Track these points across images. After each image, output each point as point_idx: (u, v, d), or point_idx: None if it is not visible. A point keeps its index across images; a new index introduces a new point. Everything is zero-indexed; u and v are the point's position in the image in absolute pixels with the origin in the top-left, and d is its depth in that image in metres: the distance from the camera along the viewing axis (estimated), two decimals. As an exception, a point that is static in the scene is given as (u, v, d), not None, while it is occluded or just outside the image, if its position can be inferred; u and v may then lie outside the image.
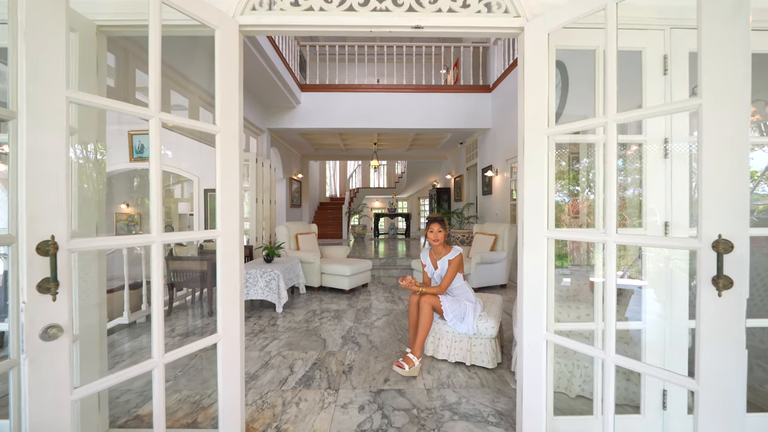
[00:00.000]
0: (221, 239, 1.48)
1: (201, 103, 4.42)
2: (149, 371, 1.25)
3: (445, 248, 2.56)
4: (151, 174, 1.24)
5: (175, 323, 3.48)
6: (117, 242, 1.21)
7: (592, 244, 2.74)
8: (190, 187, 7.76)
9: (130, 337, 3.15)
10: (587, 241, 1.53)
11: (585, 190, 3.16)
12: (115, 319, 3.32)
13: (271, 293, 3.70)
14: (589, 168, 2.98)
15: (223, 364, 1.50)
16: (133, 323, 3.43)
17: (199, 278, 3.67)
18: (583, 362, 2.06)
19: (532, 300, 1.55)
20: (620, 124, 1.30)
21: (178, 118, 1.31)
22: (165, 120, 1.27)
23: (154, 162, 1.24)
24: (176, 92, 4.14)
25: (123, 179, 7.64)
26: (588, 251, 2.85)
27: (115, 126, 6.64)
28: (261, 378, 2.28)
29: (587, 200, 3.03)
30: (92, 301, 1.60)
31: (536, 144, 1.52)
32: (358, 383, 2.20)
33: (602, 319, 1.59)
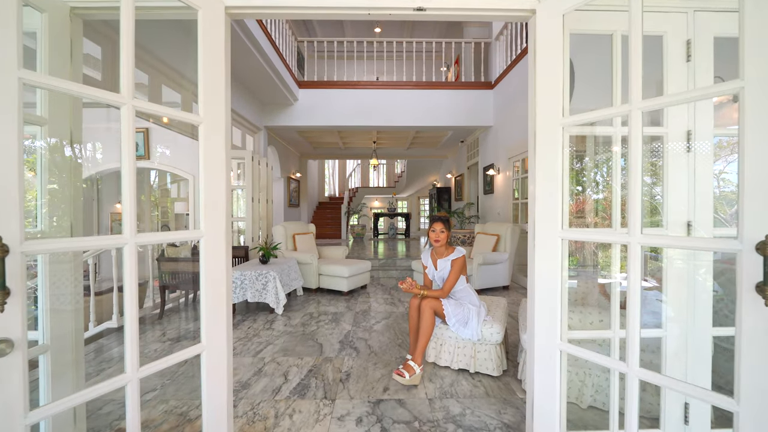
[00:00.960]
0: (205, 240, 1.35)
1: (195, 99, 4.27)
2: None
3: (448, 249, 2.43)
4: (123, 169, 1.12)
5: (167, 327, 3.35)
6: (82, 244, 1.09)
7: (597, 244, 2.62)
8: (187, 187, 7.62)
9: (119, 341, 3.02)
10: (606, 242, 1.40)
11: (587, 188, 3.04)
12: (105, 322, 3.19)
13: (267, 295, 3.57)
14: (596, 165, 2.86)
15: (207, 377, 1.37)
16: (123, 327, 3.29)
17: (192, 280, 3.54)
18: (595, 371, 1.93)
19: (545, 306, 1.42)
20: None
21: (154, 106, 1.18)
22: (139, 108, 1.14)
23: (126, 155, 1.11)
24: (171, 89, 4.01)
25: (118, 178, 7.50)
26: (595, 251, 2.73)
27: (110, 124, 6.51)
28: (253, 387, 2.15)
29: (592, 199, 2.90)
30: (66, 308, 1.47)
31: (549, 136, 1.40)
32: (356, 392, 2.08)
33: (619, 327, 1.47)
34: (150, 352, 2.76)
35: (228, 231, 1.46)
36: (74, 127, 1.54)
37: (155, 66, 3.73)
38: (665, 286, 1.53)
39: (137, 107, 1.13)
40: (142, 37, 1.19)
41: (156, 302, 3.69)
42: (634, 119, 1.15)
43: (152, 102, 1.19)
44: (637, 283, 1.15)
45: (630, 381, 1.17)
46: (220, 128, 1.39)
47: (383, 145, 9.62)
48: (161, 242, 1.26)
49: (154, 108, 1.18)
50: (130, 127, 1.12)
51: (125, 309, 1.13)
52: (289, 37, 5.92)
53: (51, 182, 1.45)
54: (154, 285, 3.77)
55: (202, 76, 1.33)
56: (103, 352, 2.79)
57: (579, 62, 2.45)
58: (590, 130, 1.80)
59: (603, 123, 1.56)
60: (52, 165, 1.46)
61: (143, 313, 3.55)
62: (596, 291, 2.31)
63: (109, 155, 6.66)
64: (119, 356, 2.76)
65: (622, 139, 1.51)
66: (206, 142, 1.36)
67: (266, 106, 6.22)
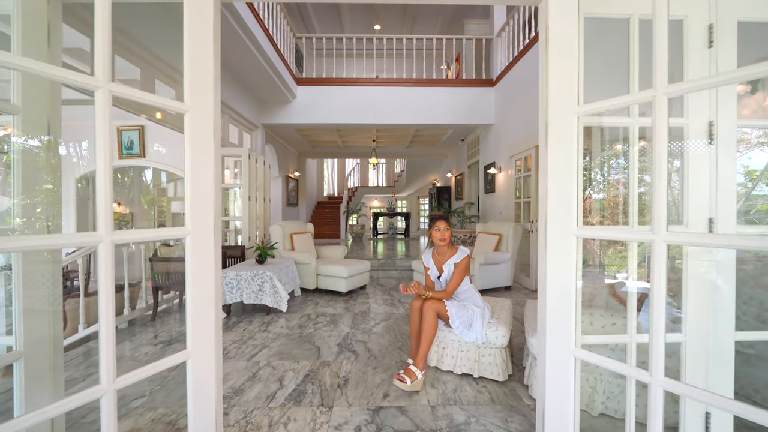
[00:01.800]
0: (191, 238, 1.25)
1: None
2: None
3: (451, 249, 2.33)
4: (98, 160, 1.01)
5: (160, 329, 3.24)
6: (50, 242, 0.98)
7: (602, 242, 2.52)
8: (183, 185, 7.51)
9: (109, 344, 2.91)
10: (626, 241, 1.30)
11: (598, 185, 2.94)
12: (94, 325, 3.08)
13: (264, 297, 3.47)
14: (604, 161, 2.76)
15: (194, 386, 1.27)
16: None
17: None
18: (607, 376, 1.83)
19: (557, 310, 1.32)
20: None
21: (133, 91, 1.08)
22: (116, 92, 1.03)
23: (101, 145, 1.01)
24: (165, 84, 3.91)
25: (114, 176, 7.37)
26: (602, 249, 2.63)
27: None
28: (247, 393, 2.05)
29: (602, 197, 2.80)
30: (42, 311, 1.37)
31: (563, 126, 1.30)
32: (355, 399, 1.97)
33: (636, 332, 1.37)
34: (140, 355, 2.66)
35: (217, 229, 1.36)
36: (52, 119, 1.43)
37: (149, 60, 3.63)
38: (684, 288, 1.43)
39: (114, 92, 1.03)
40: (135, 29, 1.09)
41: (149, 303, 3.59)
42: (659, 106, 1.05)
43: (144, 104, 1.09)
44: (661, 284, 1.05)
45: (654, 391, 1.07)
46: (208, 118, 1.29)
47: (383, 144, 9.52)
48: (141, 240, 1.16)
49: (132, 93, 1.08)
50: (105, 114, 1.01)
51: (100, 315, 1.03)
52: (287, 33, 5.81)
53: (27, 177, 1.34)
54: (147, 285, 3.66)
55: (188, 60, 1.23)
56: (92, 356, 2.68)
57: (587, 52, 2.36)
58: (605, 121, 1.70)
59: (619, 113, 1.46)
60: (28, 158, 1.35)
61: (136, 315, 3.44)
62: (604, 292, 2.21)
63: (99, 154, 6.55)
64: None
65: (640, 132, 1.41)
66: (193, 132, 1.25)
67: (264, 104, 6.12)
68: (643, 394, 1.72)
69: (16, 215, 1.30)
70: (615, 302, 2.10)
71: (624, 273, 2.35)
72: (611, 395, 1.82)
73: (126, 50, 3.40)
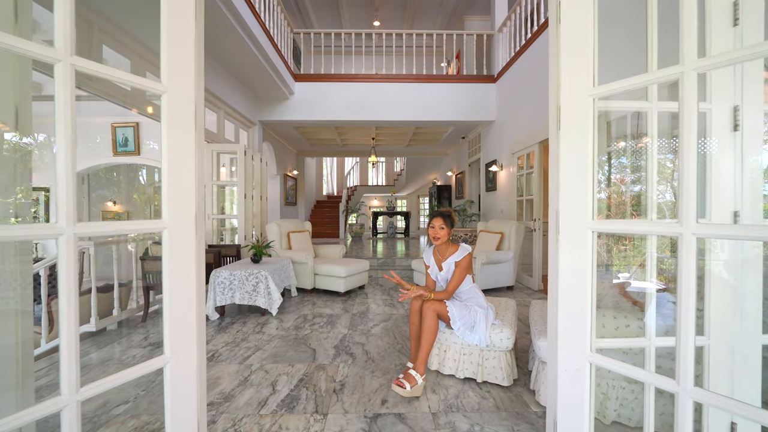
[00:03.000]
0: (169, 232, 1.13)
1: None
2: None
3: (451, 247, 2.22)
4: (58, 143, 0.90)
5: (150, 330, 3.13)
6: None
7: (609, 238, 2.40)
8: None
9: (97, 347, 2.80)
10: (648, 234, 1.18)
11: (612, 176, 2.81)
12: (81, 326, 2.96)
13: (258, 298, 3.35)
14: (609, 154, 2.63)
15: (172, 395, 1.15)
16: (102, 331, 3.08)
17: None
18: (620, 382, 1.72)
19: (571, 311, 1.21)
20: (669, 92, 0.97)
21: (100, 67, 0.97)
22: (80, 66, 0.92)
23: (62, 124, 0.90)
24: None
25: (107, 175, 7.26)
26: (608, 246, 2.51)
27: (99, 118, 6.28)
28: (237, 399, 1.93)
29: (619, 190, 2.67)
30: (7, 312, 1.26)
31: (577, 110, 1.19)
32: (351, 406, 1.86)
33: (654, 335, 1.26)
34: (128, 358, 2.54)
35: (199, 223, 1.24)
36: (21, 106, 1.32)
37: (140, 53, 3.51)
38: (707, 288, 1.32)
39: (77, 66, 0.92)
40: (128, 20, 0.97)
41: (140, 304, 3.47)
42: (688, 83, 0.94)
43: (135, 97, 0.98)
44: (690, 283, 0.94)
45: (682, 402, 0.96)
46: (188, 100, 1.18)
47: (382, 142, 9.41)
48: (108, 233, 1.04)
49: (99, 69, 0.96)
50: (67, 91, 0.90)
51: (61, 318, 0.92)
52: (284, 27, 5.70)
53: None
54: (138, 285, 3.55)
55: (165, 34, 1.11)
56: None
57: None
58: (621, 107, 1.58)
59: (637, 97, 1.35)
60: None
61: (126, 315, 3.33)
62: (613, 292, 2.10)
63: (99, 151, 6.44)
64: (96, 362, 2.55)
65: (659, 117, 1.30)
66: (171, 115, 1.14)
67: (261, 100, 6.00)
68: (659, 401, 1.60)
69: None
70: (626, 302, 1.99)
71: (626, 273, 2.24)
72: (624, 402, 1.71)
73: (117, 41, 3.28)
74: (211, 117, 4.81)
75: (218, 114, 4.86)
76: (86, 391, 0.95)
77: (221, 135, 4.91)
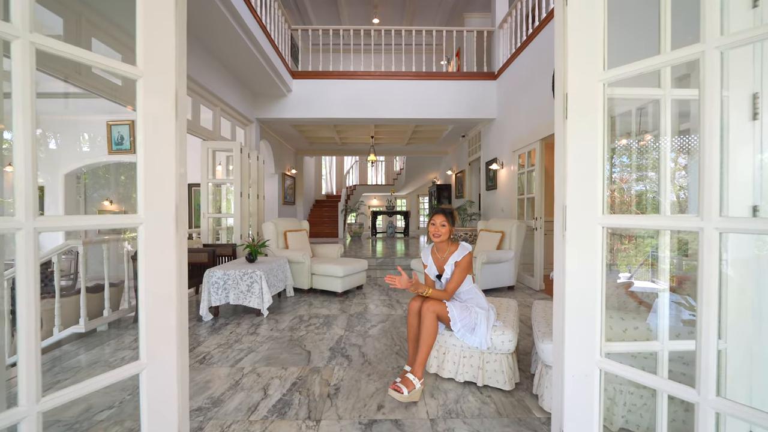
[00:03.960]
0: (144, 229, 1.05)
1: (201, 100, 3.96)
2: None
3: (451, 246, 2.14)
4: (15, 130, 0.81)
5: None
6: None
7: (612, 235, 2.32)
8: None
9: (86, 348, 2.71)
10: (660, 229, 1.10)
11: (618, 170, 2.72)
12: (69, 327, 2.88)
13: (252, 298, 3.27)
14: (630, 151, 2.54)
15: (149, 404, 1.07)
16: (92, 332, 2.99)
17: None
18: (627, 387, 1.63)
19: (578, 313, 1.13)
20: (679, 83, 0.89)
21: (65, 46, 0.88)
22: (40, 44, 0.84)
23: (20, 110, 0.81)
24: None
25: (104, 173, 7.17)
26: (609, 245, 2.42)
27: (93, 116, 6.20)
28: (226, 404, 1.85)
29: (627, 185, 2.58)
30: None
31: (586, 97, 1.10)
32: (345, 411, 1.78)
33: (667, 338, 1.17)
34: (116, 361, 2.46)
35: (180, 219, 1.16)
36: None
37: (132, 47, 3.43)
38: (724, 288, 1.23)
39: (37, 44, 0.83)
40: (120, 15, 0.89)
41: (132, 304, 3.39)
42: (710, 64, 0.85)
43: (127, 92, 0.89)
44: (712, 282, 0.86)
45: (703, 413, 0.87)
46: (167, 87, 1.09)
47: (381, 141, 9.33)
48: (74, 228, 0.96)
49: (62, 48, 0.88)
50: (26, 71, 0.82)
51: (20, 320, 0.83)
52: (281, 23, 5.62)
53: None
54: (131, 285, 3.46)
55: (141, 12, 1.03)
56: (63, 361, 2.49)
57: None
58: (637, 92, 1.48)
59: (648, 83, 1.26)
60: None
61: (117, 316, 3.24)
62: (619, 291, 2.01)
63: (94, 149, 6.36)
64: (85, 364, 2.46)
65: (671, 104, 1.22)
66: (147, 103, 1.06)
67: (258, 97, 5.92)
68: (669, 407, 1.51)
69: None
70: (633, 302, 1.90)
71: (627, 273, 2.15)
72: (632, 408, 1.62)
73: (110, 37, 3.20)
74: (206, 114, 4.72)
75: (214, 111, 4.77)
76: (48, 401, 0.86)
77: (217, 132, 4.83)
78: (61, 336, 2.84)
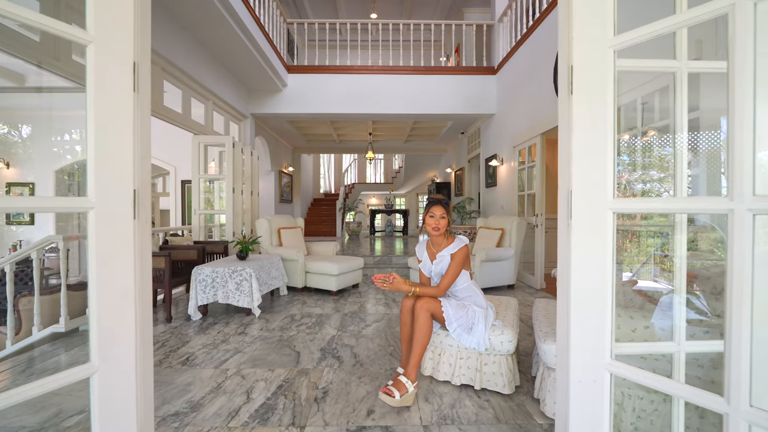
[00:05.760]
0: (95, 214, 0.93)
1: (193, 94, 3.86)
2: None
3: (447, 239, 2.01)
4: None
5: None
6: None
7: (618, 225, 2.19)
8: (171, 180, 7.19)
9: (66, 348, 2.59)
10: (683, 213, 0.97)
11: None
12: (49, 327, 2.76)
13: (242, 297, 3.15)
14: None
15: (101, 411, 0.95)
16: (74, 331, 2.87)
17: (159, 278, 3.12)
18: (637, 392, 1.51)
19: (585, 311, 1.00)
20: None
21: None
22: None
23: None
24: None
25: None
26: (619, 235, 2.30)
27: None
28: (206, 408, 1.72)
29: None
30: None
31: (594, 67, 0.98)
32: (333, 417, 1.65)
33: (684, 339, 1.05)
34: (95, 362, 2.33)
35: (142, 205, 1.04)
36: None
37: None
38: (754, 283, 1.11)
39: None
40: None
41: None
42: (741, 17, 0.73)
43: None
44: (744, 273, 0.74)
45: (734, 425, 0.75)
46: (124, 55, 0.97)
47: (380, 138, 9.21)
48: (10, 210, 0.83)
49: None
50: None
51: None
52: (276, 16, 5.50)
53: None
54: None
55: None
56: (38, 363, 2.37)
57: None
58: (644, 66, 1.35)
59: (663, 55, 1.13)
60: None
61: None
62: (625, 288, 1.89)
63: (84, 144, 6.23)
64: (64, 365, 2.34)
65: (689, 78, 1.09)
66: (99, 71, 0.93)
67: (252, 92, 5.80)
68: (667, 410, 1.39)
69: None
70: (641, 299, 1.78)
71: (628, 273, 2.03)
72: (642, 414, 1.50)
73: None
74: (198, 109, 4.60)
75: (206, 105, 4.65)
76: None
77: (209, 127, 4.71)
78: (41, 335, 2.72)
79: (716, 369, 1.35)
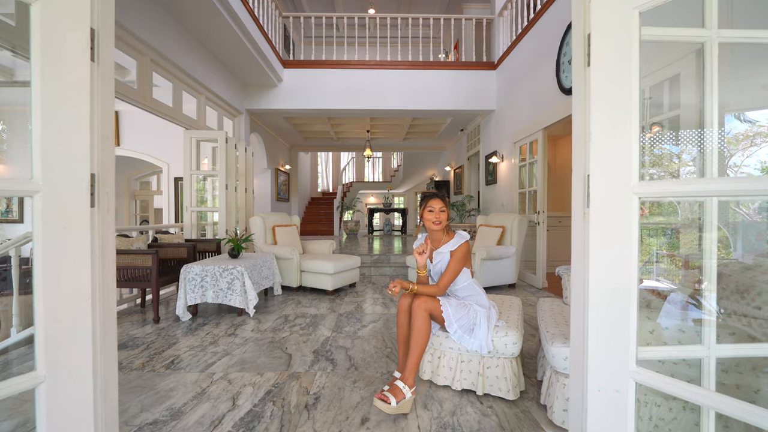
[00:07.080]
0: (42, 199, 0.80)
1: (185, 87, 3.71)
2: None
3: (447, 235, 1.90)
4: None
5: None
6: None
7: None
8: (165, 177, 7.04)
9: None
10: (723, 196, 0.85)
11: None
12: (29, 328, 2.62)
13: (233, 296, 3.02)
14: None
15: (49, 427, 0.82)
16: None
17: (145, 276, 2.98)
18: (654, 398, 1.39)
19: (606, 313, 0.88)
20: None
21: None
22: None
23: None
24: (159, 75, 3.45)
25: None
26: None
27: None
28: (187, 416, 1.60)
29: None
30: None
31: (614, 33, 0.86)
32: (324, 425, 1.53)
33: (715, 342, 0.93)
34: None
35: (101, 190, 0.91)
36: None
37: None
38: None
39: None
40: None
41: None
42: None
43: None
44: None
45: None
46: (79, 18, 0.85)
47: (378, 136, 9.08)
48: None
49: None
50: None
51: None
52: (272, 10, 5.36)
53: None
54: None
55: None
56: (15, 366, 2.24)
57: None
58: (670, 34, 1.23)
59: (690, 24, 1.01)
60: None
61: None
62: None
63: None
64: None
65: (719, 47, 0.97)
66: (47, 33, 0.81)
67: (247, 87, 5.66)
68: (692, 418, 1.27)
69: None
70: (656, 299, 1.66)
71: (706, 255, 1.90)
72: (660, 423, 1.38)
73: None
74: (190, 104, 4.46)
75: (198, 99, 4.52)
76: None
77: (202, 122, 4.57)
78: (20, 337, 2.59)
79: (742, 374, 1.23)
